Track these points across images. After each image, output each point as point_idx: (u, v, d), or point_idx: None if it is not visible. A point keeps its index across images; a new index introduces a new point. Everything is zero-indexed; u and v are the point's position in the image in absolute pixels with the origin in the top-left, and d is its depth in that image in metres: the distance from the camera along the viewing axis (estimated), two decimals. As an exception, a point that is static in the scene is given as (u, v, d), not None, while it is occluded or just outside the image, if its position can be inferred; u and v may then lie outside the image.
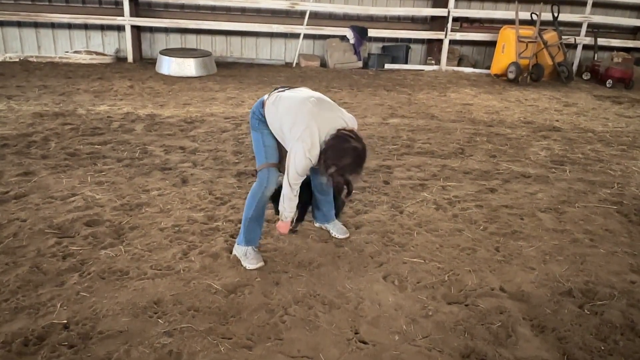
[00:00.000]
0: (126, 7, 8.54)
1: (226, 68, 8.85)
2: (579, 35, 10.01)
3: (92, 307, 2.58)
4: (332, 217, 3.44)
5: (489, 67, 9.73)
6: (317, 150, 2.66)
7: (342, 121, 2.75)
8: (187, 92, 7.05)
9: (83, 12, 8.67)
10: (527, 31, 8.83)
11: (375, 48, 10.05)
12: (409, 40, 10.08)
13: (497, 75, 9.37)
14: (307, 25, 9.23)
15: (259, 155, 2.96)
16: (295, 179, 2.75)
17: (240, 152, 4.87)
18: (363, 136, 2.75)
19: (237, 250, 3.08)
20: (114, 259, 3.02)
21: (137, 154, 4.66)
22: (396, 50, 9.87)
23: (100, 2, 8.89)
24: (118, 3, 8.71)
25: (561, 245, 3.49)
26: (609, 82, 9.16)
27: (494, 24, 9.98)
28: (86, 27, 8.92)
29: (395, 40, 10.02)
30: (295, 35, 9.47)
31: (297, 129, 2.67)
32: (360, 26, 9.36)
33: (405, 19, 10.13)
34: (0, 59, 8.26)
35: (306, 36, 9.51)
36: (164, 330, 2.45)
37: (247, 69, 8.92)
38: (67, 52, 8.83)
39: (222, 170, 4.41)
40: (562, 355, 2.45)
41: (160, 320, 2.52)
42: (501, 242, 3.49)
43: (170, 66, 8.09)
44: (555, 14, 9.13)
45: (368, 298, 2.79)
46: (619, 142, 5.90)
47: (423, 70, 9.71)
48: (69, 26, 8.84)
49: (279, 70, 8.92)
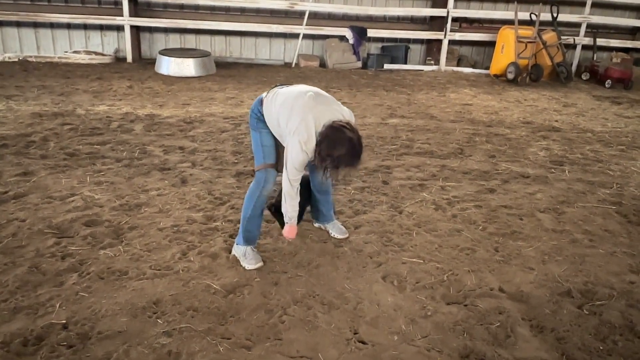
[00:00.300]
0: (125, 7, 8.53)
1: (225, 68, 8.84)
2: (578, 35, 10.02)
3: (91, 307, 2.58)
4: (331, 218, 3.44)
5: (488, 68, 9.73)
6: (313, 143, 2.63)
7: (339, 114, 2.72)
8: (186, 92, 7.05)
9: (82, 12, 8.66)
10: (526, 31, 8.84)
11: (374, 48, 10.05)
12: (408, 41, 10.08)
13: (497, 76, 9.38)
14: (307, 25, 9.23)
15: (257, 156, 2.96)
16: (293, 174, 2.73)
17: (240, 152, 4.87)
18: (362, 136, 2.74)
19: (236, 250, 3.08)
20: (113, 259, 3.02)
21: (136, 154, 4.66)
22: (395, 51, 9.87)
23: (99, 2, 8.88)
24: (117, 3, 8.71)
25: (560, 245, 3.49)
26: (608, 83, 9.17)
27: (493, 24, 9.98)
28: (85, 27, 8.91)
29: (395, 40, 10.02)
30: (295, 36, 9.47)
31: (293, 122, 2.66)
32: (359, 26, 9.36)
33: (405, 19, 10.13)
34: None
35: (305, 36, 9.51)
36: (163, 330, 2.45)
37: (246, 69, 8.91)
38: (66, 52, 8.82)
39: (221, 171, 4.41)
40: (561, 355, 2.45)
41: (160, 321, 2.52)
42: (500, 242, 3.49)
43: (169, 66, 8.09)
44: (555, 14, 9.14)
45: (367, 298, 2.79)
46: (618, 143, 5.90)
47: (422, 70, 9.71)
48: (68, 26, 8.83)
49: (278, 71, 8.92)
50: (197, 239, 3.29)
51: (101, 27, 8.98)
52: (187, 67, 8.08)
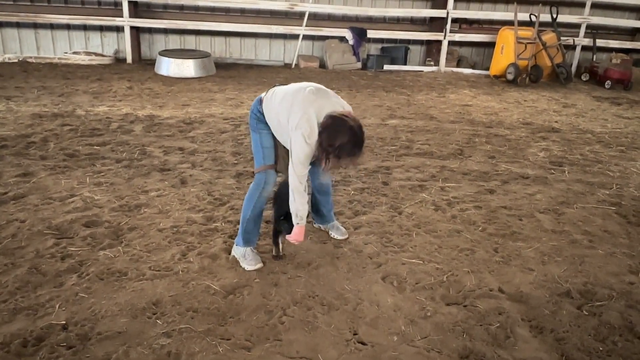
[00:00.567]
0: (125, 8, 8.54)
1: (225, 69, 8.85)
2: (577, 36, 10.03)
3: (90, 308, 2.58)
4: (331, 219, 3.44)
5: (487, 68, 9.74)
6: (316, 136, 2.62)
7: (339, 107, 2.72)
8: (186, 93, 7.06)
9: (82, 13, 8.67)
10: (526, 32, 8.85)
11: (374, 49, 10.06)
12: (408, 41, 10.09)
13: (496, 77, 9.38)
14: (306, 26, 9.23)
15: (257, 157, 2.95)
16: (300, 169, 2.70)
17: (239, 153, 4.87)
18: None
19: (236, 251, 3.08)
20: (112, 259, 3.02)
21: (136, 155, 4.66)
22: (395, 51, 9.88)
23: (99, 3, 8.89)
24: (117, 4, 8.72)
25: (560, 246, 3.49)
26: (607, 83, 9.17)
27: (492, 25, 10.00)
28: (85, 28, 8.92)
29: (394, 41, 10.03)
30: (295, 36, 9.47)
31: (294, 117, 2.65)
32: (359, 27, 9.37)
33: (404, 20, 10.14)
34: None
35: (305, 37, 9.52)
36: (163, 331, 2.45)
37: (246, 70, 8.92)
38: (66, 53, 8.82)
39: (221, 171, 4.41)
40: (560, 356, 2.45)
41: (159, 321, 2.52)
42: (500, 243, 3.49)
43: (169, 67, 8.09)
44: (554, 15, 9.14)
45: (367, 299, 2.79)
46: (617, 143, 5.90)
47: (422, 71, 9.72)
48: (68, 27, 8.84)
49: (278, 71, 8.92)
50: (197, 239, 3.30)
51: (101, 28, 8.98)
52: (187, 68, 8.09)
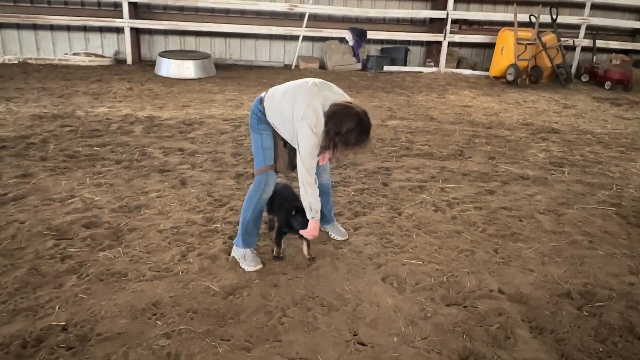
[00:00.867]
0: (125, 9, 8.55)
1: (225, 70, 8.85)
2: (577, 37, 10.04)
3: (90, 309, 2.58)
4: (332, 219, 3.44)
5: (487, 69, 9.75)
6: (322, 126, 2.62)
7: (342, 98, 2.74)
8: (186, 94, 7.06)
9: (82, 14, 8.68)
10: (526, 33, 8.85)
11: (374, 50, 10.07)
12: (408, 42, 10.10)
13: (496, 77, 9.39)
14: (306, 27, 9.24)
15: (258, 158, 2.94)
16: (309, 161, 2.68)
17: (239, 154, 4.87)
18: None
19: (236, 252, 3.08)
20: (112, 260, 3.02)
21: (135, 156, 4.66)
22: (395, 52, 9.89)
23: (99, 4, 8.90)
24: (117, 5, 8.73)
25: (560, 247, 3.49)
26: (607, 84, 9.18)
27: (492, 26, 10.00)
28: (85, 29, 8.93)
29: (394, 42, 10.04)
30: (295, 37, 9.48)
31: (299, 109, 2.64)
32: (359, 28, 9.38)
33: (404, 21, 10.15)
34: None
35: (305, 38, 9.53)
36: (163, 332, 2.45)
37: (246, 71, 8.92)
38: (66, 54, 8.83)
39: (220, 172, 4.41)
40: (560, 357, 2.45)
41: (159, 322, 2.52)
42: (500, 243, 3.49)
43: (169, 68, 8.09)
44: (554, 16, 9.15)
45: (367, 300, 2.79)
46: (617, 144, 5.90)
47: (422, 72, 9.72)
48: (68, 28, 8.85)
49: (278, 72, 8.92)
50: (197, 240, 3.29)
51: (101, 29, 8.99)
52: (186, 69, 8.09)
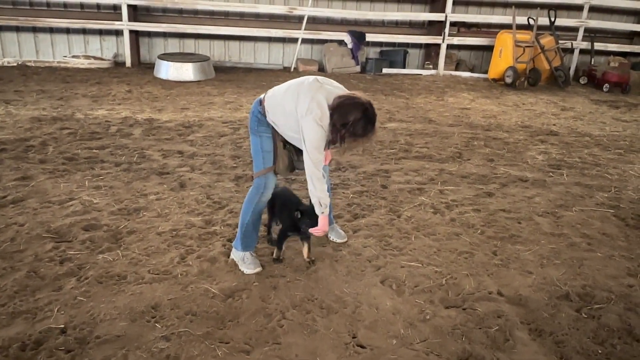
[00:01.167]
0: (124, 12, 8.56)
1: (224, 72, 8.86)
2: (575, 39, 10.06)
3: (89, 312, 2.58)
4: (331, 221, 3.43)
5: (486, 72, 9.77)
6: (328, 119, 2.62)
7: (345, 92, 2.74)
8: (185, 97, 7.06)
9: (81, 17, 8.70)
10: (524, 36, 8.88)
11: (373, 52, 10.09)
12: (407, 45, 10.13)
13: (495, 80, 9.41)
14: (305, 29, 9.26)
15: (257, 161, 2.94)
16: (315, 154, 2.67)
17: (238, 157, 4.88)
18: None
19: (235, 254, 3.08)
20: (111, 263, 3.02)
21: (135, 159, 4.66)
22: (394, 55, 9.90)
23: (98, 7, 8.91)
24: (116, 8, 8.74)
25: (558, 249, 3.49)
26: (605, 87, 9.20)
27: (491, 29, 10.03)
28: (84, 31, 8.94)
29: (393, 44, 10.06)
30: (294, 40, 9.50)
31: (302, 103, 2.64)
32: (358, 31, 9.39)
33: (403, 24, 10.17)
34: (-1, 63, 8.28)
35: (304, 41, 9.55)
36: (162, 334, 2.45)
37: (245, 74, 8.94)
38: (65, 56, 8.84)
39: (220, 175, 4.42)
40: (559, 359, 2.45)
41: (158, 325, 2.52)
42: (499, 246, 3.49)
43: (168, 71, 8.10)
44: (552, 19, 9.18)
45: (366, 302, 2.79)
46: (616, 146, 5.92)
47: (421, 74, 9.74)
48: (67, 31, 8.85)
49: (277, 75, 8.93)
50: (196, 243, 3.29)
51: (100, 32, 9.00)
52: (186, 72, 8.10)
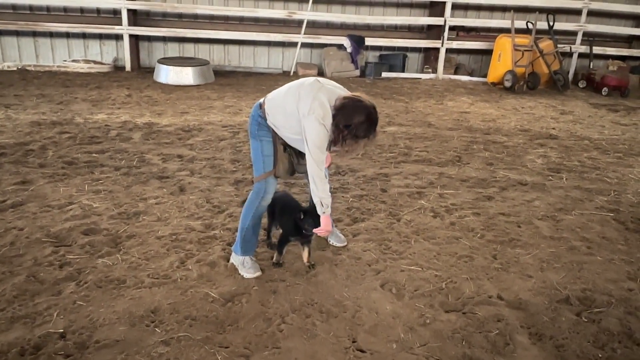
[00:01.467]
0: (124, 16, 8.58)
1: (224, 77, 8.88)
2: (574, 43, 10.09)
3: (88, 316, 2.57)
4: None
5: (485, 76, 9.79)
6: (330, 119, 2.62)
7: (347, 92, 2.76)
8: (184, 101, 7.07)
9: (81, 22, 8.71)
10: (523, 40, 8.90)
11: (372, 57, 10.11)
12: (406, 49, 10.14)
13: (494, 84, 9.42)
14: (305, 34, 9.28)
15: (257, 165, 2.93)
16: (318, 154, 2.67)
17: (238, 160, 4.88)
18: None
19: (235, 259, 3.08)
20: (111, 267, 3.01)
21: (134, 163, 4.66)
22: (393, 59, 9.92)
23: (98, 11, 8.93)
24: (116, 12, 8.76)
25: (558, 252, 3.49)
26: (604, 90, 9.22)
27: (490, 33, 10.06)
28: (84, 36, 8.95)
29: (392, 48, 10.08)
30: (293, 44, 9.51)
31: (304, 104, 2.64)
32: (357, 35, 9.42)
33: (402, 28, 10.20)
34: (-2, 67, 8.29)
35: (304, 45, 9.56)
36: (161, 339, 2.44)
37: (245, 78, 8.95)
38: (65, 61, 8.85)
39: (219, 179, 4.42)
40: (560, 363, 2.45)
41: (158, 329, 2.51)
42: (498, 249, 3.49)
43: (168, 75, 8.11)
44: (551, 23, 9.20)
45: (365, 306, 2.79)
46: (615, 150, 5.92)
47: (420, 78, 9.76)
48: (67, 35, 8.87)
49: (277, 79, 8.95)
50: (196, 247, 3.29)
51: (100, 36, 9.01)
52: (185, 76, 8.11)
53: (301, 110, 2.65)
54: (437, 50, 9.81)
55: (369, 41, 9.46)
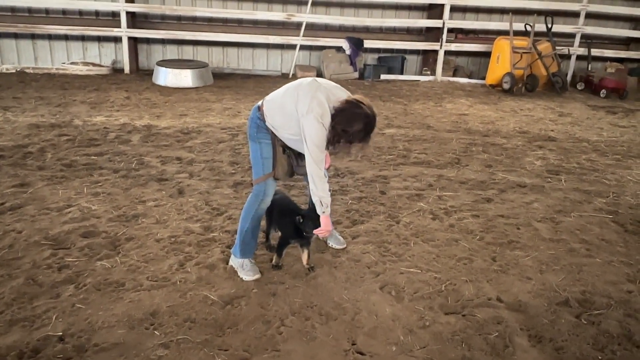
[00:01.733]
0: (123, 18, 8.58)
1: (223, 79, 8.88)
2: (572, 46, 10.11)
3: (87, 319, 2.56)
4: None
5: (484, 78, 9.81)
6: (329, 118, 2.62)
7: (346, 94, 2.75)
8: (183, 103, 7.07)
9: (80, 24, 8.71)
10: (522, 42, 8.92)
11: (371, 59, 10.12)
12: (405, 51, 10.16)
13: (492, 86, 9.44)
14: (304, 36, 9.29)
15: (257, 168, 2.93)
16: (317, 154, 2.67)
17: (237, 163, 4.88)
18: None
19: (234, 261, 3.07)
20: (109, 270, 3.01)
21: (133, 165, 4.66)
22: (392, 61, 9.94)
23: (97, 13, 8.93)
24: (115, 15, 8.76)
25: (557, 255, 3.49)
26: (602, 92, 9.23)
27: (488, 35, 10.07)
28: (83, 38, 8.95)
29: (391, 51, 10.09)
30: (292, 46, 9.52)
31: (303, 103, 2.64)
32: (356, 37, 9.43)
33: (401, 30, 10.21)
34: (-3, 70, 8.28)
35: (302, 47, 9.57)
36: (160, 342, 2.44)
37: (244, 80, 8.95)
38: (63, 63, 8.85)
39: (218, 181, 4.41)
40: (559, 365, 2.45)
41: (157, 332, 2.50)
42: (498, 252, 3.49)
43: (166, 77, 8.11)
44: (549, 25, 9.22)
45: (365, 309, 2.79)
46: (613, 152, 5.93)
47: (419, 80, 9.77)
48: (66, 37, 8.87)
49: (276, 81, 8.95)
50: (195, 249, 3.29)
51: (99, 39, 9.01)
52: (184, 78, 8.11)
53: (300, 110, 2.65)
54: (435, 52, 9.83)
55: (368, 43, 9.47)
